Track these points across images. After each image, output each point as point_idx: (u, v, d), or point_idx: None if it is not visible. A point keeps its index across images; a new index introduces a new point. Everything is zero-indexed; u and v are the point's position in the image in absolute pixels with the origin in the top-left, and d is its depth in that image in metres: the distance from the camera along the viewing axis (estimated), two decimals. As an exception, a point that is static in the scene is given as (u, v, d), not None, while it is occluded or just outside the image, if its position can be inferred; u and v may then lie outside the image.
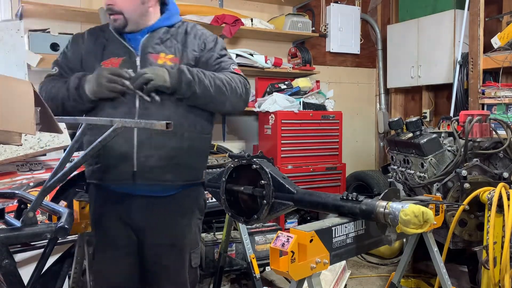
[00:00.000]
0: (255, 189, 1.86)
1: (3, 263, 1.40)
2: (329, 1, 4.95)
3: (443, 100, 4.83)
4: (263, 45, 4.59)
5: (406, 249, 2.13)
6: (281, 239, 1.34)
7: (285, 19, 4.41)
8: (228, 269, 2.90)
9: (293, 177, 3.69)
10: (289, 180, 1.86)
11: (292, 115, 3.98)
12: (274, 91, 4.15)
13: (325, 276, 2.82)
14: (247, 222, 1.90)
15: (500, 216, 2.15)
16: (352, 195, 1.56)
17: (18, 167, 2.73)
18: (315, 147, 4.11)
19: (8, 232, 1.41)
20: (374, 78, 5.48)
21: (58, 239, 1.57)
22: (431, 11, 4.53)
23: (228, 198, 1.91)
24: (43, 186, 1.51)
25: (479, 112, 2.95)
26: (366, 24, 5.32)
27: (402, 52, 4.86)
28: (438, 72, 4.44)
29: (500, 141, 2.62)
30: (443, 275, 1.90)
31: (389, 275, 3.41)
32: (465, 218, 2.47)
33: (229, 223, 2.65)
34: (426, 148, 2.60)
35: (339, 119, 4.24)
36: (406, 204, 1.43)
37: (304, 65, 4.51)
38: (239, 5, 4.49)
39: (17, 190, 1.99)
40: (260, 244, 3.06)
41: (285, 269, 1.31)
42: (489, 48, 3.78)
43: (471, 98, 3.82)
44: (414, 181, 2.73)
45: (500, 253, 2.13)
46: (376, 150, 5.53)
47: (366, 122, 5.45)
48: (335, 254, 1.45)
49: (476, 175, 2.54)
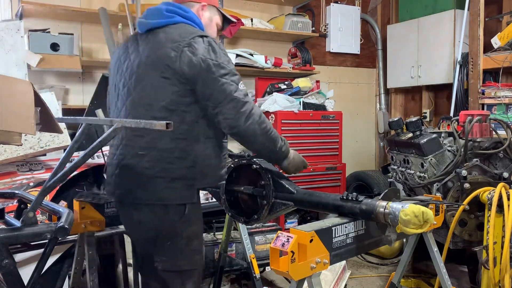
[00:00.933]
0: (255, 189, 1.86)
1: (3, 263, 1.40)
2: (329, 1, 4.95)
3: (443, 100, 4.83)
4: (263, 45, 4.59)
5: (406, 249, 2.13)
6: (281, 239, 1.34)
7: (285, 19, 4.41)
8: (228, 269, 2.90)
9: (293, 177, 3.67)
10: (289, 180, 1.86)
11: (292, 115, 3.98)
12: (274, 91, 4.15)
13: (325, 276, 2.82)
14: (247, 222, 1.90)
15: (500, 216, 2.15)
16: (352, 195, 1.56)
17: (18, 167, 2.73)
18: (315, 147, 4.11)
19: (8, 232, 1.41)
20: (374, 78, 5.48)
21: (58, 239, 1.57)
22: (431, 11, 4.53)
23: (228, 198, 1.92)
24: (43, 186, 1.51)
25: (479, 112, 2.95)
26: (366, 24, 5.32)
27: (402, 52, 4.86)
28: (438, 72, 4.44)
29: (500, 141, 2.62)
30: (443, 275, 1.90)
31: (389, 275, 3.41)
32: (465, 218, 2.47)
33: (229, 223, 2.66)
34: (426, 148, 2.60)
35: (339, 119, 4.25)
36: (406, 204, 1.43)
37: (304, 65, 4.51)
38: (239, 5, 4.49)
39: (17, 190, 1.99)
40: (260, 244, 3.05)
41: (285, 269, 1.31)
42: (489, 48, 3.78)
43: (471, 98, 3.82)
44: (414, 181, 2.73)
45: (500, 253, 2.13)
46: (376, 150, 5.53)
47: (366, 122, 5.45)
48: (335, 254, 1.45)
49: (476, 175, 2.54)
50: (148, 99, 1.74)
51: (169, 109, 1.71)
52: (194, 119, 1.75)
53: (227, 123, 1.72)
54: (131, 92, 1.80)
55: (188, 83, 1.71)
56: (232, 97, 1.70)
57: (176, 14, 1.82)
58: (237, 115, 1.70)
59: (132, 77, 1.81)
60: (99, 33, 3.63)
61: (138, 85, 1.78)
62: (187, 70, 1.68)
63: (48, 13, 3.53)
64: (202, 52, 1.69)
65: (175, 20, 1.81)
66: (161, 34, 1.78)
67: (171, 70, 1.70)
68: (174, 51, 1.70)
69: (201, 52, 1.69)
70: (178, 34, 1.74)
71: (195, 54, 1.69)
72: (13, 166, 2.71)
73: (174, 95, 1.71)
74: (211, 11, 1.98)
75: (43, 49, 3.35)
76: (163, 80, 1.71)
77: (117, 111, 1.87)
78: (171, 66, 1.69)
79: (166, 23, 1.80)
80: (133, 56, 1.84)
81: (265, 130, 1.77)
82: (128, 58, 1.85)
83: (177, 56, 1.69)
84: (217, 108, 1.71)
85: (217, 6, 2.01)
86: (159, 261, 1.78)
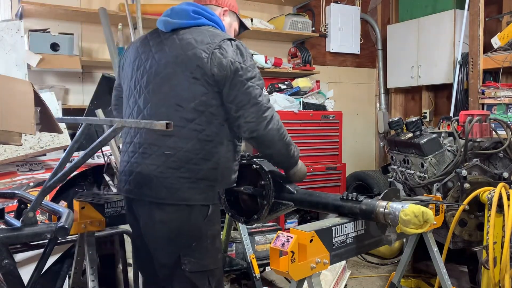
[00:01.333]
0: (255, 189, 1.86)
1: (3, 263, 1.40)
2: (329, 1, 4.95)
3: (443, 100, 4.83)
4: (263, 45, 4.59)
5: (406, 249, 2.14)
6: (281, 239, 1.34)
7: (285, 19, 4.41)
8: (228, 269, 2.90)
9: (293, 177, 3.68)
10: (289, 180, 1.87)
11: (292, 115, 3.98)
12: (274, 91, 4.15)
13: (325, 276, 2.82)
14: (247, 222, 1.90)
15: (500, 216, 2.15)
16: (352, 195, 1.56)
17: (18, 167, 2.73)
18: (315, 147, 4.11)
19: (8, 232, 1.41)
20: (374, 78, 5.48)
21: (58, 239, 1.57)
22: (431, 11, 4.53)
23: (228, 198, 1.92)
24: (43, 186, 1.51)
25: (479, 112, 2.95)
26: (366, 24, 5.32)
27: (402, 52, 4.86)
28: (438, 72, 4.44)
29: (500, 141, 2.62)
30: (443, 275, 1.90)
31: (389, 275, 3.41)
32: (465, 218, 2.47)
33: (229, 223, 2.66)
34: (426, 148, 2.60)
35: (339, 119, 4.25)
36: (406, 204, 1.44)
37: (304, 65, 4.51)
38: (239, 5, 4.46)
39: (17, 190, 1.99)
40: (260, 244, 3.05)
41: (285, 269, 1.31)
42: (489, 48, 3.78)
43: (471, 98, 3.82)
44: (414, 181, 2.73)
45: (500, 253, 2.13)
46: (376, 150, 5.53)
47: (366, 122, 5.45)
48: (335, 254, 1.45)
49: (476, 175, 2.54)
50: (177, 99, 1.74)
51: (198, 110, 1.72)
52: (221, 122, 1.77)
53: (248, 127, 1.72)
54: (156, 91, 1.79)
55: (216, 85, 1.72)
56: (256, 101, 1.71)
57: (202, 16, 1.83)
58: (259, 119, 1.71)
59: (157, 76, 1.79)
60: (99, 33, 3.63)
61: (165, 84, 1.76)
62: (216, 71, 1.70)
63: (48, 13, 3.53)
64: (231, 54, 1.71)
65: (202, 22, 1.82)
66: (189, 35, 1.77)
67: (201, 71, 1.71)
68: (205, 52, 1.71)
69: (230, 55, 1.71)
70: (208, 36, 1.75)
71: (225, 56, 1.70)
72: (13, 166, 2.71)
73: (203, 97, 1.72)
74: (231, 16, 2.02)
75: (43, 49, 3.35)
76: (193, 81, 1.72)
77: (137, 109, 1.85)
78: (202, 66, 1.70)
79: (193, 24, 1.80)
80: (158, 56, 1.81)
81: (282, 136, 1.79)
82: (152, 57, 1.83)
83: (208, 57, 1.70)
84: (240, 111, 1.72)
85: (237, 12, 2.05)
86: (187, 262, 1.76)
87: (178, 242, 1.77)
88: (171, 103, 1.75)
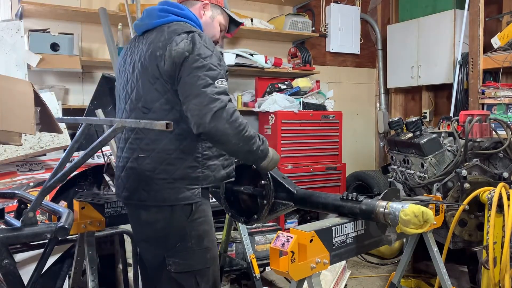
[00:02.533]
0: (255, 189, 1.87)
1: (3, 263, 1.40)
2: (329, 1, 4.95)
3: (443, 100, 4.83)
4: (263, 45, 4.59)
5: (406, 249, 2.13)
6: (281, 239, 1.34)
7: (285, 19, 4.41)
8: (228, 269, 2.90)
9: (293, 177, 3.69)
10: (289, 180, 1.87)
11: (292, 115, 3.98)
12: (274, 91, 4.15)
13: (325, 276, 2.82)
14: (247, 222, 1.90)
15: (500, 216, 2.15)
16: (352, 195, 1.56)
17: (18, 167, 2.73)
18: (315, 147, 4.12)
19: (8, 232, 1.41)
20: (374, 78, 5.48)
21: (58, 239, 1.57)
22: (431, 11, 4.53)
23: (228, 198, 1.92)
24: (43, 186, 1.52)
25: (479, 112, 2.95)
26: (366, 24, 5.32)
27: (402, 52, 4.86)
28: (438, 72, 4.44)
29: (500, 141, 2.62)
30: (443, 275, 1.90)
31: (389, 275, 3.41)
32: (465, 218, 2.47)
33: (229, 223, 2.66)
34: (426, 148, 2.60)
35: (339, 119, 4.25)
36: (406, 204, 1.44)
37: (304, 65, 4.51)
38: (239, 5, 4.49)
39: (17, 190, 2.00)
40: (260, 244, 3.05)
41: (285, 269, 1.31)
42: (489, 48, 3.78)
43: (471, 98, 3.82)
44: (414, 181, 2.73)
45: (500, 253, 2.13)
46: (376, 150, 5.53)
47: (366, 122, 5.45)
48: (335, 254, 1.45)
49: (476, 175, 2.54)
50: (143, 102, 1.73)
51: (164, 109, 1.68)
52: None
53: (194, 121, 1.58)
54: (129, 95, 1.80)
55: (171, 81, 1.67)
56: (198, 91, 1.57)
57: (170, 13, 1.78)
58: (202, 111, 1.55)
59: (129, 81, 1.81)
60: (99, 33, 3.63)
61: (134, 88, 1.77)
62: (168, 66, 1.64)
63: (48, 13, 3.53)
64: (181, 46, 1.63)
65: (169, 20, 1.76)
66: (152, 35, 1.75)
67: (159, 70, 1.67)
68: (160, 50, 1.66)
69: (180, 46, 1.63)
70: (167, 33, 1.70)
71: (174, 49, 1.63)
72: (13, 166, 2.71)
73: (166, 95, 1.68)
74: (214, 10, 1.94)
75: (43, 49, 3.35)
76: (154, 81, 1.69)
77: (119, 113, 1.88)
78: (158, 65, 1.66)
79: (160, 23, 1.77)
80: (130, 60, 1.83)
81: (239, 131, 1.61)
82: (128, 61, 1.85)
83: (162, 55, 1.65)
84: (185, 104, 1.61)
85: (221, 5, 1.97)
86: (172, 263, 1.75)
87: (164, 242, 1.76)
88: (138, 107, 1.74)
